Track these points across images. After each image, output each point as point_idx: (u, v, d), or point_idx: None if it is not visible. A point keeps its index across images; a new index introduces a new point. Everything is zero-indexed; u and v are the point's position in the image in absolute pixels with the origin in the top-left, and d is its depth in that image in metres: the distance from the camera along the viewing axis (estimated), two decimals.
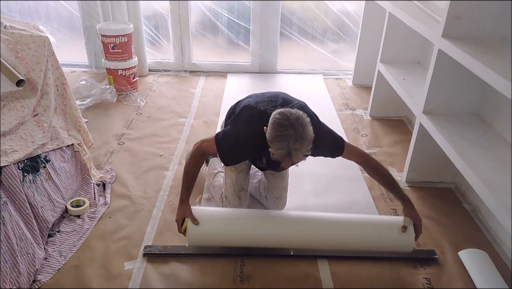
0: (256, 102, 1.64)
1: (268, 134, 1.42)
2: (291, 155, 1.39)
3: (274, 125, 1.40)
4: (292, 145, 1.36)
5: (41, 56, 1.82)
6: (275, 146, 1.39)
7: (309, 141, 1.40)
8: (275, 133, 1.39)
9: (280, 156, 1.41)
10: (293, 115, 1.40)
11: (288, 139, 1.36)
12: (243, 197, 1.86)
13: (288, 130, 1.37)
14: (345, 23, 3.54)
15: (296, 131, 1.37)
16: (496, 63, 1.53)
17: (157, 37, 3.58)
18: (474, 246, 1.76)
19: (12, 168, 1.60)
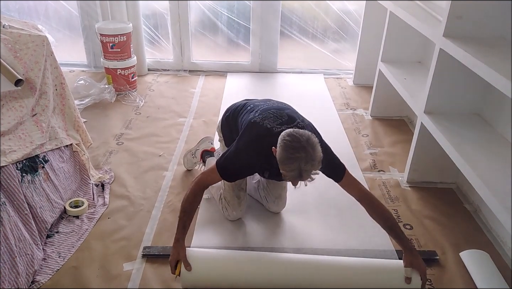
0: (262, 119, 1.61)
1: (278, 155, 1.42)
2: (301, 175, 1.41)
3: (285, 147, 1.40)
4: (303, 166, 1.38)
5: (39, 55, 1.81)
6: (286, 168, 1.41)
7: (319, 162, 1.41)
8: (287, 155, 1.40)
9: (291, 177, 1.43)
10: (303, 136, 1.41)
11: (299, 162, 1.38)
12: (242, 197, 1.85)
13: (300, 153, 1.38)
14: (345, 22, 3.53)
15: (307, 153, 1.38)
16: (497, 63, 1.52)
17: (157, 37, 3.57)
18: (475, 247, 1.76)
19: (11, 168, 1.59)
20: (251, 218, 1.92)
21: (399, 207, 2.04)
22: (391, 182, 2.23)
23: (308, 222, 1.92)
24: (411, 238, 1.83)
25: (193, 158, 2.20)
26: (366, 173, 2.30)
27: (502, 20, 1.81)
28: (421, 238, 1.84)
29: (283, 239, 1.82)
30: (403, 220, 1.95)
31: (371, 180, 2.24)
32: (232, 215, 1.86)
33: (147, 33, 3.53)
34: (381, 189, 2.16)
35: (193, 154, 2.21)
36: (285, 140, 1.41)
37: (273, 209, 1.94)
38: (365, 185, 2.18)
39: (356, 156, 2.45)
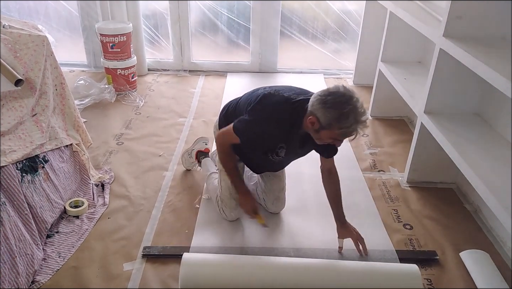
0: (276, 91, 1.59)
1: (327, 117, 1.39)
2: (357, 129, 1.40)
3: (334, 104, 1.38)
4: (357, 118, 1.38)
5: (39, 55, 1.81)
6: (344, 125, 1.38)
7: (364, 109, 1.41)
8: (339, 112, 1.37)
9: (348, 134, 1.41)
10: (340, 88, 1.41)
11: (355, 114, 1.37)
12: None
13: (350, 104, 1.37)
14: (345, 22, 3.53)
15: (357, 100, 1.38)
16: (497, 63, 1.52)
17: (157, 37, 3.57)
18: (475, 247, 1.75)
19: (11, 168, 1.59)
20: None
21: (399, 207, 2.04)
22: (391, 182, 2.23)
23: (307, 222, 1.92)
24: (411, 238, 1.83)
25: (190, 157, 2.22)
26: (366, 173, 2.30)
27: (502, 20, 1.81)
28: (421, 238, 1.84)
29: (283, 239, 1.82)
30: (403, 220, 1.95)
31: (371, 180, 2.24)
32: (230, 216, 1.86)
33: (147, 33, 3.53)
34: (381, 189, 2.16)
35: (189, 153, 2.22)
36: (327, 99, 1.39)
37: (272, 210, 1.94)
38: (365, 185, 2.19)
39: (356, 156, 2.45)
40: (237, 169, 1.73)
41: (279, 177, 1.90)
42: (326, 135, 1.46)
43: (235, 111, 1.74)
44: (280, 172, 1.91)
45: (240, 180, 1.74)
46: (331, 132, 1.43)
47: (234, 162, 1.72)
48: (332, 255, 1.72)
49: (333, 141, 1.48)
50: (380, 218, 1.95)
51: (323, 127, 1.43)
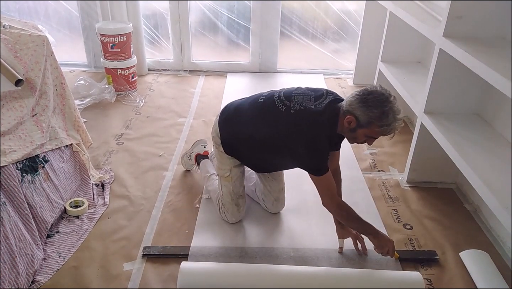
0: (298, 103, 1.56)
1: (367, 116, 1.43)
2: (396, 127, 1.46)
3: (375, 102, 1.43)
4: (396, 117, 1.44)
5: (40, 55, 1.81)
6: (383, 122, 1.43)
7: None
8: (380, 110, 1.42)
9: (388, 132, 1.46)
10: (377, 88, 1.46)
11: (393, 112, 1.43)
12: (241, 204, 1.84)
13: (390, 103, 1.43)
14: (345, 22, 3.53)
15: (394, 100, 1.45)
16: (497, 63, 1.53)
17: (157, 37, 3.57)
18: (475, 247, 1.76)
19: (11, 168, 1.59)
20: (250, 218, 1.92)
21: (399, 207, 2.04)
22: (391, 182, 2.23)
23: (307, 222, 1.92)
24: (411, 238, 1.83)
25: (189, 160, 2.22)
26: (366, 173, 2.30)
27: (502, 20, 1.81)
28: (421, 238, 1.84)
29: (283, 239, 1.82)
30: (403, 220, 1.95)
31: (371, 180, 2.24)
32: (231, 220, 1.86)
33: (147, 33, 3.53)
34: (381, 189, 2.16)
35: (189, 156, 2.23)
36: (368, 98, 1.44)
37: (272, 210, 1.94)
38: (365, 186, 2.19)
39: (356, 156, 2.45)
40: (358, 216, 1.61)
41: (279, 178, 1.90)
42: (364, 134, 1.49)
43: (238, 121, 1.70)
44: (279, 172, 1.91)
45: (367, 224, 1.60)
46: (370, 130, 1.47)
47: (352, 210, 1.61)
48: (332, 255, 1.72)
49: (367, 139, 1.51)
50: (380, 218, 1.95)
51: (361, 126, 1.46)
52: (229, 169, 1.78)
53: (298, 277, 1.54)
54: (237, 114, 1.72)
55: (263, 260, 1.68)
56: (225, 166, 1.79)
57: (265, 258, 1.69)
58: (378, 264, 1.68)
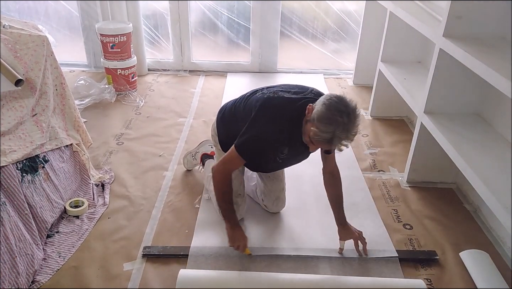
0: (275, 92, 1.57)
1: (318, 112, 1.36)
2: (332, 142, 1.35)
3: (330, 106, 1.35)
4: (338, 133, 1.33)
5: (40, 55, 1.81)
6: (322, 127, 1.34)
7: (353, 135, 1.37)
8: (328, 115, 1.34)
9: (321, 139, 1.36)
10: (352, 103, 1.37)
11: (338, 126, 1.32)
12: (240, 203, 1.83)
13: (342, 117, 1.32)
14: (345, 22, 3.53)
15: (349, 120, 1.33)
16: (497, 63, 1.53)
17: (157, 37, 3.57)
18: (475, 247, 1.76)
19: (11, 168, 1.59)
20: (250, 218, 1.92)
21: (399, 207, 2.04)
22: (391, 182, 2.23)
23: (307, 222, 1.92)
24: (411, 238, 1.83)
25: (193, 159, 2.20)
26: (366, 173, 2.30)
27: (502, 20, 1.81)
28: (421, 238, 1.84)
29: (283, 239, 1.81)
30: (403, 220, 1.95)
31: (371, 180, 2.24)
32: None
33: (147, 33, 3.53)
34: (381, 189, 2.16)
35: (193, 155, 2.20)
36: (332, 100, 1.36)
37: (272, 210, 1.94)
38: (365, 185, 2.19)
39: (356, 156, 2.45)
40: (232, 202, 1.63)
41: (279, 178, 1.90)
42: (307, 129, 1.42)
43: (232, 114, 1.71)
44: (280, 172, 1.91)
45: (233, 214, 1.64)
46: (311, 127, 1.38)
47: (231, 195, 1.62)
48: (332, 255, 1.72)
49: (309, 141, 1.43)
50: (380, 218, 1.95)
51: (311, 120, 1.39)
52: None
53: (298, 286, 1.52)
54: (233, 112, 1.73)
55: (263, 260, 1.68)
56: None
57: (265, 258, 1.69)
58: (378, 264, 1.68)
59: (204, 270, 1.61)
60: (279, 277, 1.56)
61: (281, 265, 1.66)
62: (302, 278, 1.57)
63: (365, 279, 1.58)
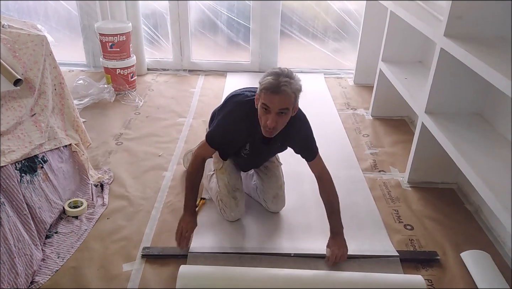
0: (243, 91, 1.72)
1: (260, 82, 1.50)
2: (279, 87, 1.44)
3: (267, 72, 1.51)
4: (282, 78, 1.45)
5: (38, 55, 1.81)
6: (265, 81, 1.47)
7: (298, 85, 1.49)
8: (265, 74, 1.49)
9: (270, 85, 1.45)
10: (287, 69, 1.51)
11: (280, 74, 1.46)
12: (238, 197, 1.84)
13: (281, 70, 1.49)
14: (346, 22, 3.52)
15: (288, 73, 1.48)
16: (498, 63, 1.52)
17: (156, 36, 3.56)
18: (476, 247, 1.75)
19: (10, 168, 1.58)
20: (250, 218, 1.92)
21: (400, 207, 2.03)
22: (392, 182, 2.22)
23: (308, 223, 1.91)
24: (412, 238, 1.83)
25: None
26: (367, 173, 2.29)
27: (503, 20, 1.80)
28: (422, 238, 1.83)
29: (283, 240, 1.81)
30: (403, 220, 1.94)
31: (371, 180, 2.23)
32: (231, 216, 1.85)
33: (147, 33, 3.52)
34: (382, 189, 2.16)
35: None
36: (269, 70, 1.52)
37: (272, 209, 1.94)
38: (366, 186, 2.18)
39: (356, 156, 2.44)
40: (196, 187, 1.70)
41: (275, 174, 1.91)
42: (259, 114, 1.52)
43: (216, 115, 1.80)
44: (275, 170, 1.92)
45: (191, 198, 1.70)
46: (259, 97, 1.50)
47: (198, 180, 1.70)
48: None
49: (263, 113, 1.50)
50: (380, 218, 1.94)
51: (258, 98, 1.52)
52: (221, 161, 1.82)
53: (298, 281, 1.53)
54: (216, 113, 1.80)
55: (262, 260, 1.67)
56: (218, 159, 1.83)
57: (265, 258, 1.68)
58: (379, 264, 1.67)
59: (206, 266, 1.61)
60: (280, 273, 1.56)
61: (282, 265, 1.66)
62: (303, 273, 1.57)
63: (365, 275, 1.57)
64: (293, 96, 1.47)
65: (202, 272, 1.56)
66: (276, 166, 1.94)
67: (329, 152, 2.44)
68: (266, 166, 1.93)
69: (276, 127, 1.51)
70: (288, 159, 1.96)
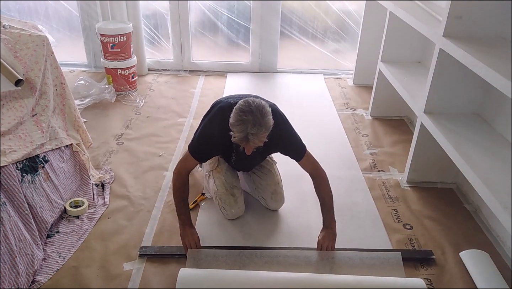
0: (226, 98, 1.74)
1: (230, 119, 1.51)
2: (248, 139, 1.48)
3: (236, 110, 1.50)
4: (249, 129, 1.46)
5: (40, 55, 1.81)
6: (235, 129, 1.49)
7: (267, 129, 1.50)
8: (236, 118, 1.49)
9: (239, 139, 1.50)
10: (255, 103, 1.50)
11: (247, 124, 1.46)
12: (237, 194, 1.85)
13: (248, 116, 1.46)
14: (345, 22, 3.53)
15: (255, 118, 1.46)
16: (497, 63, 1.52)
17: (157, 37, 3.57)
18: (475, 247, 1.76)
19: (11, 168, 1.59)
20: (250, 217, 1.92)
21: (399, 207, 2.04)
22: (391, 182, 2.23)
23: (308, 221, 1.92)
24: (411, 238, 1.83)
25: None
26: (366, 173, 2.30)
27: (502, 20, 1.80)
28: (421, 238, 1.84)
29: (282, 239, 1.82)
30: (403, 220, 1.95)
31: (371, 180, 2.24)
32: (231, 214, 1.86)
33: (147, 33, 3.53)
34: (381, 189, 2.16)
35: None
36: (238, 104, 1.52)
37: (272, 206, 1.94)
38: (365, 186, 2.19)
39: (356, 156, 2.45)
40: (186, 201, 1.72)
41: (271, 172, 1.92)
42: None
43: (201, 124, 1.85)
44: (270, 167, 1.94)
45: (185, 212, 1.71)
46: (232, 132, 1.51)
47: (186, 193, 1.71)
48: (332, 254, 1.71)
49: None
50: (380, 218, 1.95)
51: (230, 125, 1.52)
52: (216, 160, 1.86)
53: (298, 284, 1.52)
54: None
55: (262, 260, 1.68)
56: (212, 160, 1.86)
57: (265, 258, 1.69)
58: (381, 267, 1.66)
59: (205, 269, 1.60)
60: (279, 275, 1.56)
61: (282, 264, 1.66)
62: (303, 276, 1.57)
63: (365, 278, 1.57)
64: (263, 140, 1.51)
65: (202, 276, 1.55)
66: (270, 163, 1.96)
67: (328, 152, 2.46)
68: (261, 164, 1.94)
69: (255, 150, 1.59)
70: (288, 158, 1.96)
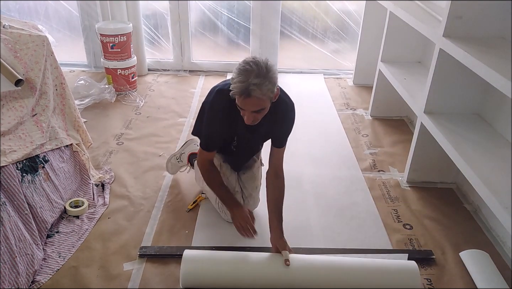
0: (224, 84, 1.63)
1: (232, 74, 1.42)
2: (249, 92, 1.37)
3: (240, 64, 1.41)
4: (252, 79, 1.36)
5: (40, 55, 1.81)
6: (236, 80, 1.39)
7: (271, 83, 1.40)
8: (238, 68, 1.40)
9: (239, 90, 1.39)
10: (262, 59, 1.41)
11: (250, 74, 1.36)
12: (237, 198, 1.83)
13: (251, 66, 1.37)
14: (345, 22, 3.53)
15: (259, 69, 1.37)
16: (497, 63, 1.53)
17: (157, 37, 3.57)
18: (475, 247, 1.76)
19: (11, 168, 1.59)
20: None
21: (399, 207, 2.04)
22: (391, 182, 2.23)
23: (307, 221, 1.92)
24: (411, 238, 1.83)
25: (179, 162, 2.14)
26: (366, 173, 2.30)
27: (502, 20, 1.81)
28: (421, 238, 1.84)
29: None
30: (403, 220, 1.95)
31: (371, 180, 2.24)
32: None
33: (147, 33, 3.53)
34: (381, 189, 2.16)
35: (178, 158, 2.14)
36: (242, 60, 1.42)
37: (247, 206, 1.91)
38: (365, 186, 2.19)
39: (356, 156, 2.45)
40: (223, 184, 1.71)
41: (254, 176, 1.90)
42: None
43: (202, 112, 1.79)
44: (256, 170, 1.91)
45: (229, 195, 1.69)
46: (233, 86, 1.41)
47: (219, 178, 1.70)
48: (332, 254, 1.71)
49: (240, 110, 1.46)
50: (380, 218, 1.95)
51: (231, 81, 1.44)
52: (219, 164, 1.82)
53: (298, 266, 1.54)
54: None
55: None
56: (216, 162, 1.81)
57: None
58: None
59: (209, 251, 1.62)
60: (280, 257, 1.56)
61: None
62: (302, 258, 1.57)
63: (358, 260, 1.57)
64: (265, 97, 1.41)
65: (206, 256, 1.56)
66: (257, 166, 1.94)
67: (328, 152, 2.47)
68: (248, 164, 1.92)
69: (255, 121, 1.48)
70: (288, 159, 1.96)
